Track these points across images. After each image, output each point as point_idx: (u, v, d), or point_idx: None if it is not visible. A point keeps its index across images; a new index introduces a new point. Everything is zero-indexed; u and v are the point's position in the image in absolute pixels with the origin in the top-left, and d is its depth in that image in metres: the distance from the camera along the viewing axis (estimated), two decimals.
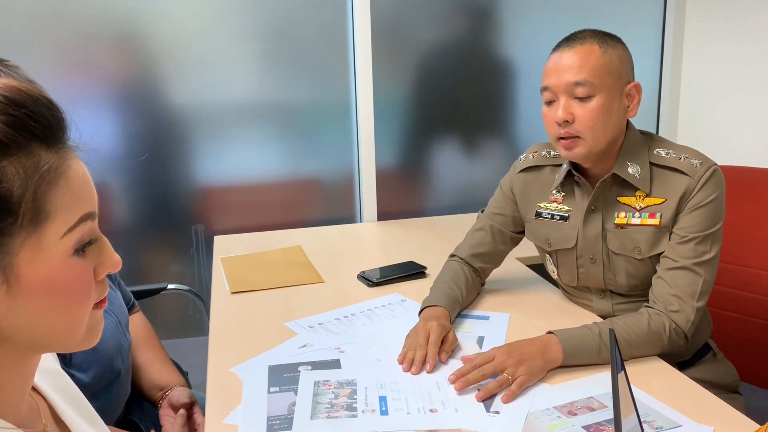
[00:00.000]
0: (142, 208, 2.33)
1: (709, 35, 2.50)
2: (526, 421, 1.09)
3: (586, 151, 1.35)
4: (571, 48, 1.34)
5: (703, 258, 1.32)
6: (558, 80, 1.34)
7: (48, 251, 0.62)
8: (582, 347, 1.26)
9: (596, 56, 1.32)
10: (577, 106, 1.33)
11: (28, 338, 0.64)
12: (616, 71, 1.34)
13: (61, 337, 0.67)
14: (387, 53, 2.42)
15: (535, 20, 2.52)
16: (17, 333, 0.63)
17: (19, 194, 0.59)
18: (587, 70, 1.32)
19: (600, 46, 1.33)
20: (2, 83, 0.62)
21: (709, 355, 1.52)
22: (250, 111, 2.36)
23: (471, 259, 1.61)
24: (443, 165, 2.58)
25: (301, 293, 1.72)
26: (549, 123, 1.39)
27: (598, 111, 1.32)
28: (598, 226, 1.43)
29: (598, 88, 1.32)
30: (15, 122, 0.60)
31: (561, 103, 1.34)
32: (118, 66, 2.22)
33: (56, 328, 0.65)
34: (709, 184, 1.32)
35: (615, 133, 1.36)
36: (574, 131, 1.34)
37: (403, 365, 1.27)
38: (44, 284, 0.62)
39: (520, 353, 1.22)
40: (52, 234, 0.62)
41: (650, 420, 1.08)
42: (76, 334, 0.67)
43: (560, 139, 1.36)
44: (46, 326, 0.65)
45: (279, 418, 1.11)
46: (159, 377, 1.49)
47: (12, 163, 0.59)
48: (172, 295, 2.30)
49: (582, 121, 1.33)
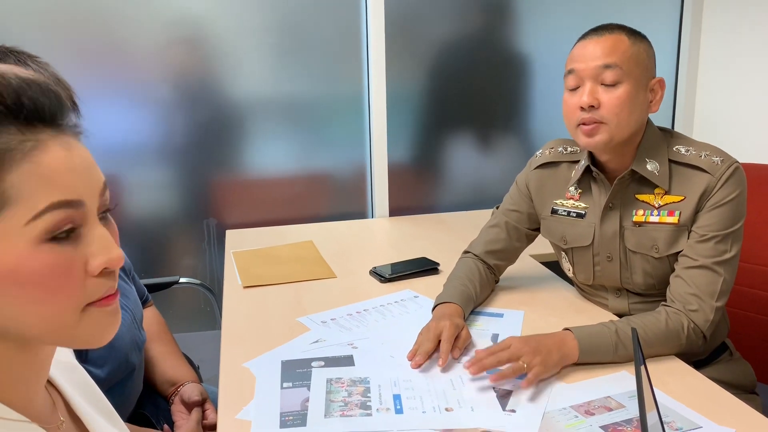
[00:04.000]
0: (154, 202, 2.33)
1: (727, 29, 2.47)
2: (543, 420, 1.08)
3: (608, 138, 1.32)
4: (601, 36, 1.32)
5: (723, 257, 1.30)
6: (586, 64, 1.31)
7: (8, 239, 0.57)
8: (598, 345, 1.25)
9: (626, 45, 1.31)
10: (604, 93, 1.31)
11: (15, 331, 0.61)
12: (644, 63, 1.32)
13: (50, 332, 0.62)
14: (400, 48, 2.40)
15: (550, 15, 2.49)
16: (3, 324, 0.60)
17: None
18: (617, 55, 1.30)
19: (628, 37, 1.32)
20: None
21: (726, 355, 1.49)
22: (263, 105, 2.35)
23: (485, 256, 1.59)
24: (456, 161, 2.56)
25: (313, 288, 1.71)
26: (570, 109, 1.35)
27: (625, 98, 1.30)
28: (615, 223, 1.41)
29: (626, 75, 1.29)
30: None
31: (587, 87, 1.31)
32: (131, 60, 2.21)
33: (38, 321, 0.61)
34: (731, 182, 1.30)
35: (637, 125, 1.34)
36: (599, 116, 1.31)
37: (412, 361, 1.26)
38: (10, 273, 0.58)
39: (536, 344, 1.21)
40: (14, 221, 0.57)
41: (669, 421, 1.06)
42: (66, 329, 0.62)
43: (581, 125, 1.33)
44: (27, 319, 0.60)
45: (292, 414, 1.10)
46: (171, 372, 1.49)
47: None
48: (183, 289, 2.30)
49: (607, 107, 1.30)
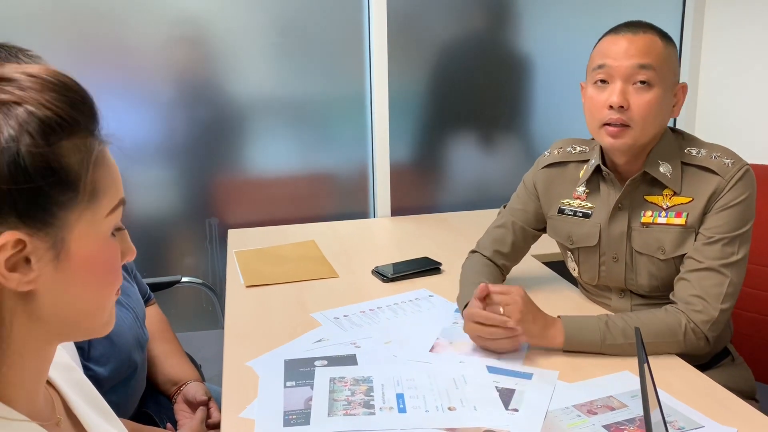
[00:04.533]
0: (156, 201, 2.33)
1: (729, 29, 2.47)
2: (546, 419, 1.08)
3: (632, 142, 1.31)
4: (635, 34, 1.30)
5: (730, 259, 1.29)
6: (619, 62, 1.28)
7: (96, 228, 0.65)
8: (585, 333, 1.27)
9: (660, 47, 1.29)
10: (634, 94, 1.29)
11: (59, 318, 0.66)
12: (674, 67, 1.32)
13: (87, 320, 0.69)
14: (403, 47, 2.40)
15: (552, 15, 2.49)
16: (52, 312, 0.65)
17: (79, 171, 0.63)
18: (654, 56, 1.28)
19: (661, 39, 1.30)
20: (44, 68, 0.64)
21: (728, 360, 1.49)
22: (265, 105, 2.35)
23: (493, 256, 1.59)
24: (458, 161, 2.56)
25: (315, 288, 1.71)
26: (597, 106, 1.32)
27: (655, 102, 1.28)
28: (624, 224, 1.41)
29: (659, 78, 1.28)
30: (72, 104, 0.63)
31: (617, 86, 1.29)
32: (134, 59, 2.21)
33: (87, 308, 0.68)
34: (740, 184, 1.29)
35: (661, 128, 1.34)
36: (627, 118, 1.29)
37: None
38: (88, 261, 0.65)
39: (532, 310, 1.28)
40: (101, 212, 0.66)
41: (672, 420, 1.07)
42: (101, 316, 0.70)
43: (606, 125, 1.31)
44: (79, 305, 0.67)
45: (296, 413, 1.10)
46: (173, 371, 1.49)
47: (73, 142, 0.62)
48: (185, 288, 2.31)
49: (637, 109, 1.28)
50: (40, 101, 0.61)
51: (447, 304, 1.56)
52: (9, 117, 0.59)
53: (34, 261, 0.61)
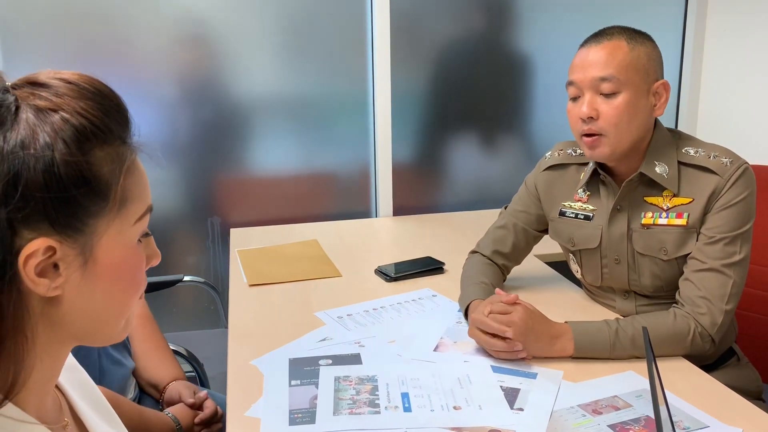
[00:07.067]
0: (158, 200, 2.30)
1: (731, 31, 2.47)
2: (551, 419, 1.08)
3: (609, 151, 1.33)
4: (599, 43, 1.33)
5: (732, 259, 1.30)
6: (584, 75, 1.33)
7: (124, 235, 0.66)
8: (595, 341, 1.27)
9: (623, 52, 1.31)
10: (603, 103, 1.32)
11: (80, 324, 0.66)
12: (644, 68, 1.32)
13: (106, 326, 0.69)
14: (405, 47, 2.40)
15: (554, 16, 2.49)
16: (74, 317, 0.65)
17: (110, 180, 0.63)
18: (614, 65, 1.30)
19: (628, 42, 1.32)
20: (78, 74, 0.64)
21: (733, 360, 1.49)
22: (267, 104, 2.35)
23: (493, 256, 1.59)
24: (460, 160, 2.56)
25: (318, 287, 1.71)
26: (573, 119, 1.37)
27: (623, 108, 1.30)
28: (623, 226, 1.41)
29: (624, 84, 1.30)
30: (107, 112, 0.63)
31: (586, 98, 1.33)
32: (137, 58, 2.21)
33: (108, 314, 0.68)
34: (739, 183, 1.30)
35: (641, 131, 1.34)
36: (598, 128, 1.32)
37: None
38: (115, 267, 0.66)
39: (532, 324, 1.26)
40: (129, 220, 0.66)
41: (677, 420, 1.07)
42: (121, 322, 0.70)
43: (584, 136, 1.35)
44: (102, 312, 0.67)
45: (301, 412, 1.10)
46: (151, 374, 1.47)
47: (105, 151, 0.63)
48: (187, 287, 2.31)
49: (606, 117, 1.31)
50: (76, 109, 0.61)
51: (450, 303, 1.56)
52: (45, 123, 0.59)
53: (62, 267, 0.61)
